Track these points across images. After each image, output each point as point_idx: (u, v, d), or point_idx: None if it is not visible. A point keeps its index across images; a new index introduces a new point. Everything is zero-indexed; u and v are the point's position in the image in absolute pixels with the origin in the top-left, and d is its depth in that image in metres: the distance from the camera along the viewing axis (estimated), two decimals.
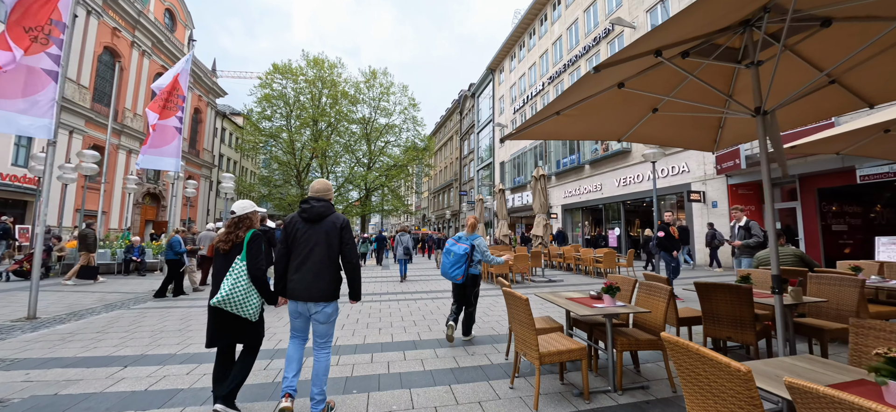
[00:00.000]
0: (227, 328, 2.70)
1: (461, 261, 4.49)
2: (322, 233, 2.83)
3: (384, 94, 34.40)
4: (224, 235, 2.82)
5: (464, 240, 4.63)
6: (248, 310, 2.65)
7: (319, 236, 2.82)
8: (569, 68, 22.53)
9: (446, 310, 6.69)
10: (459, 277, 4.48)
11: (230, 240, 2.78)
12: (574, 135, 4.21)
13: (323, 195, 2.96)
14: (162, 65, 28.04)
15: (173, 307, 7.13)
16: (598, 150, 19.07)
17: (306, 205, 2.89)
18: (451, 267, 4.52)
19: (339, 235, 2.86)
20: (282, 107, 32.28)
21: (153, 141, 8.82)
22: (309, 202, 2.90)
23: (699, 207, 13.51)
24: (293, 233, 2.86)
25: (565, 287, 9.01)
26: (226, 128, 39.93)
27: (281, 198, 34.05)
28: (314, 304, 2.76)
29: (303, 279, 2.76)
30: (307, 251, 2.80)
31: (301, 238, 2.83)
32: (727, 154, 11.75)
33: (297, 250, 2.83)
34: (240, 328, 2.73)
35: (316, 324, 2.81)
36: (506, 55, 32.81)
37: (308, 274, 2.76)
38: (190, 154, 31.73)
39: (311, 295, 2.74)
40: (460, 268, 4.48)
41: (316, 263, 2.78)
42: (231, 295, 2.59)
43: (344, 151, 34.24)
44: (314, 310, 2.77)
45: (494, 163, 33.90)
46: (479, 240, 4.65)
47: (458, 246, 4.57)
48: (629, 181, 17.04)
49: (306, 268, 2.77)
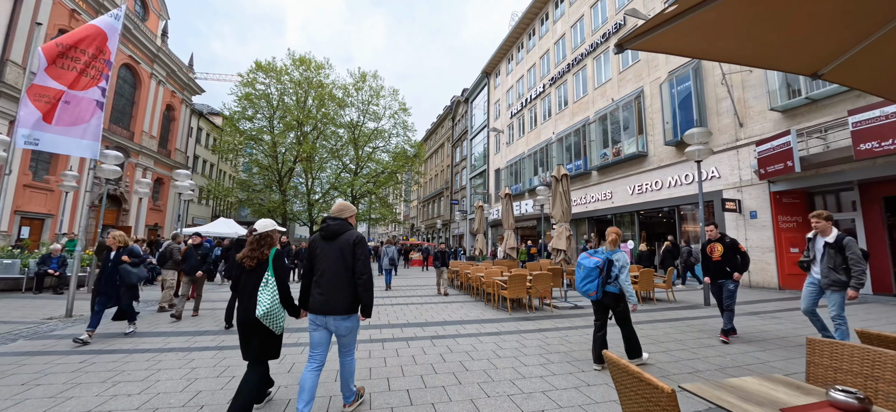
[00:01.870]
0: (252, 342, 2.85)
1: (592, 276, 4.24)
2: (337, 249, 2.97)
3: (374, 96, 32.59)
4: (249, 252, 2.99)
5: (600, 253, 4.32)
6: (279, 323, 2.85)
7: (335, 252, 2.96)
8: (573, 68, 20.94)
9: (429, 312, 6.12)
10: (593, 293, 4.24)
11: (255, 257, 2.96)
12: (735, 55, 2.24)
13: (339, 214, 3.11)
14: (129, 55, 25.59)
15: (106, 351, 4.91)
16: (607, 155, 17.38)
17: (324, 224, 3.07)
18: (582, 281, 4.33)
19: (352, 251, 2.96)
20: (265, 107, 30.04)
21: (61, 116, 6.59)
22: (327, 222, 3.08)
23: (733, 219, 11.79)
24: (314, 250, 3.04)
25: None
26: (202, 128, 37.33)
27: (260, 203, 31.67)
28: (333, 318, 2.91)
29: (322, 293, 2.91)
30: (325, 267, 2.94)
31: (320, 255, 3.00)
32: (774, 154, 10.07)
33: (317, 267, 2.99)
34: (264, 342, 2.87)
35: (337, 336, 2.98)
36: (502, 58, 31.27)
37: (327, 288, 2.91)
38: (160, 153, 29.13)
39: (330, 308, 2.87)
40: (592, 283, 4.23)
41: (333, 278, 2.92)
42: (271, 309, 2.77)
43: (330, 156, 32.15)
44: (334, 325, 2.93)
45: (488, 170, 32.14)
46: (619, 256, 4.22)
47: (589, 259, 4.33)
48: (645, 188, 15.33)
49: (324, 282, 2.92)
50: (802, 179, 10.38)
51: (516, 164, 26.41)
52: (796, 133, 9.77)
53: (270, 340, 2.89)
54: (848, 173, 9.58)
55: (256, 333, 2.83)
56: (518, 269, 8.53)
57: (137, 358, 4.52)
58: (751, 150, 11.46)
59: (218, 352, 4.76)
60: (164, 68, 29.49)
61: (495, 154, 31.02)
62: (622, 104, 16.55)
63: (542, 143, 23.29)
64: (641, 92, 15.80)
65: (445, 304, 8.48)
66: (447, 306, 8.29)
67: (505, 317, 7.02)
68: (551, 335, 5.62)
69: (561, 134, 21.16)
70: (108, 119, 23.74)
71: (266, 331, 2.84)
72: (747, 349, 4.90)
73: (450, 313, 7.45)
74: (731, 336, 5.40)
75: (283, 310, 2.88)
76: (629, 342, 4.25)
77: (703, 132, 8.49)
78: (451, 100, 44.44)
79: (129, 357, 4.55)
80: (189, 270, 7.08)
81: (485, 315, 7.28)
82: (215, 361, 4.41)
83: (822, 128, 9.78)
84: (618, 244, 4.37)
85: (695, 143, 8.63)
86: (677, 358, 4.56)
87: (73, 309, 6.91)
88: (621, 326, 4.28)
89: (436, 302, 8.90)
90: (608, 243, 4.39)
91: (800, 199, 10.95)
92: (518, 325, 6.30)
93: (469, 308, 8.04)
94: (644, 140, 15.50)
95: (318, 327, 2.94)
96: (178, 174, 11.95)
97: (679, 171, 13.83)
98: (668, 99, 14.07)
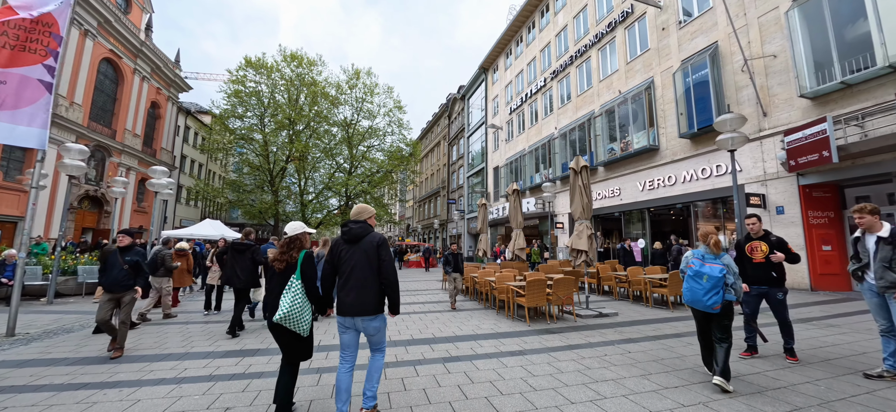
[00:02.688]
0: (282, 343, 2.97)
1: (718, 286, 3.60)
2: (361, 252, 2.99)
3: (368, 94, 31.62)
4: (278, 255, 3.02)
5: (711, 258, 3.74)
6: (302, 325, 2.87)
7: (359, 255, 2.98)
8: (576, 60, 20.10)
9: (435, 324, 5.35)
10: (718, 305, 3.58)
11: (284, 259, 2.99)
12: None
13: (359, 217, 3.14)
14: (110, 49, 24.31)
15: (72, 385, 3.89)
16: (615, 150, 16.54)
17: (346, 227, 3.08)
18: (706, 293, 3.62)
19: (376, 253, 2.99)
20: (255, 105, 28.88)
21: None
22: (348, 225, 3.09)
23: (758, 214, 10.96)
24: (338, 253, 3.05)
25: (650, 339, 6.09)
26: (190, 126, 36.02)
27: (251, 204, 30.52)
28: (361, 319, 2.92)
29: (349, 295, 2.92)
30: (350, 270, 2.96)
31: (344, 258, 3.01)
32: (807, 144, 9.26)
33: (341, 269, 3.01)
34: (292, 344, 2.96)
35: (367, 335, 3.01)
36: (500, 53, 30.39)
37: (353, 290, 2.92)
38: (145, 153, 27.85)
39: (358, 310, 2.90)
40: (718, 295, 3.59)
41: (359, 280, 2.93)
42: (291, 312, 2.80)
43: (324, 156, 31.12)
44: (362, 325, 2.95)
45: (487, 168, 31.24)
46: (728, 259, 3.71)
47: (710, 267, 3.67)
48: (657, 184, 14.50)
49: (350, 285, 2.94)
50: (835, 172, 9.57)
51: (516, 162, 25.54)
52: (833, 120, 8.96)
53: (298, 342, 2.96)
54: (886, 164, 8.80)
55: (284, 334, 2.93)
56: (535, 274, 7.61)
57: (111, 395, 3.54)
58: (776, 141, 10.66)
59: (210, 385, 3.78)
60: (149, 64, 28.22)
61: (494, 151, 30.14)
62: (631, 96, 15.71)
63: (543, 138, 22.43)
64: (651, 83, 14.98)
65: (452, 314, 7.53)
66: (455, 316, 7.35)
67: (524, 329, 6.09)
68: (587, 354, 4.70)
69: (564, 129, 20.31)
70: (86, 116, 22.46)
71: (292, 332, 2.90)
72: (831, 373, 4.02)
73: (459, 325, 6.51)
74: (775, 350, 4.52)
75: (306, 312, 2.91)
76: (725, 357, 3.58)
77: (737, 118, 7.63)
78: (447, 97, 43.49)
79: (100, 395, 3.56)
80: (110, 285, 4.93)
81: (500, 326, 6.34)
82: (209, 401, 3.43)
83: (859, 114, 8.98)
84: (721, 245, 3.79)
85: (727, 131, 7.77)
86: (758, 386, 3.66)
87: (15, 326, 5.85)
88: (722, 340, 3.65)
89: (441, 310, 7.96)
90: (712, 245, 3.75)
91: (831, 192, 10.16)
92: (543, 341, 5.37)
93: (480, 318, 7.10)
94: (655, 133, 14.67)
95: (347, 329, 2.98)
96: (154, 171, 10.87)
97: (694, 165, 13.01)
98: (683, 89, 13.25)
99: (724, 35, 12.36)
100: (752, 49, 11.42)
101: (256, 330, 6.27)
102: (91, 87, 23.08)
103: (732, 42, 12.01)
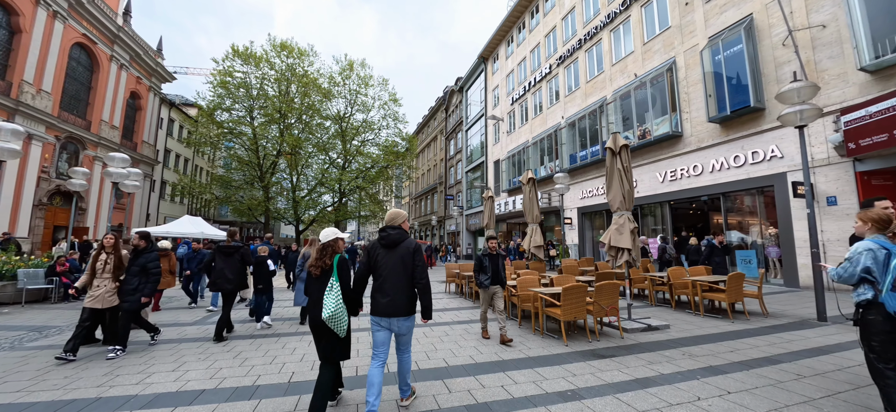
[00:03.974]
0: (323, 344, 3.08)
1: None
2: (398, 257, 3.16)
3: (362, 86, 30.13)
4: (316, 261, 3.18)
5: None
6: (342, 326, 2.98)
7: (396, 260, 3.15)
8: (585, 44, 18.73)
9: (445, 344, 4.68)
10: None
11: (320, 265, 3.14)
12: None
13: (393, 222, 3.29)
14: (83, 33, 22.54)
15: None
16: (630, 139, 15.21)
17: (384, 233, 3.24)
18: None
19: (411, 259, 3.17)
20: (243, 97, 27.25)
21: None
22: (386, 230, 3.24)
23: (803, 206, 9.69)
24: (375, 257, 3.23)
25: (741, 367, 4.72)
26: (175, 119, 34.22)
27: (239, 201, 28.95)
28: (395, 319, 3.12)
29: (384, 297, 3.10)
30: (386, 273, 3.14)
31: (381, 262, 3.19)
32: (871, 124, 7.99)
33: (377, 272, 3.19)
34: (332, 344, 3.06)
35: (398, 335, 3.21)
36: (501, 40, 28.96)
37: (389, 293, 3.10)
38: (124, 146, 26.11)
39: (392, 311, 3.09)
40: None
41: (394, 284, 3.11)
42: (335, 312, 2.92)
43: (317, 151, 29.65)
44: (395, 326, 3.14)
45: (487, 162, 29.86)
46: None
47: None
48: (679, 174, 13.20)
49: (386, 288, 3.11)
50: None
51: (519, 154, 24.17)
52: None
53: (337, 342, 3.06)
54: None
55: (325, 335, 3.04)
56: (568, 278, 6.24)
57: None
58: (826, 123, 9.37)
59: None
60: (127, 51, 26.45)
61: (494, 144, 28.75)
62: (649, 79, 14.38)
63: (549, 129, 21.07)
64: (673, 63, 13.65)
65: (465, 328, 6.15)
66: (468, 330, 5.96)
67: (564, 351, 4.72)
68: (670, 397, 3.33)
69: (572, 117, 18.96)
70: (56, 105, 20.73)
71: (332, 333, 3.01)
72: None
73: (476, 346, 5.13)
74: None
75: (344, 313, 3.00)
76: None
77: (808, 87, 6.28)
78: (444, 90, 42.01)
79: None
80: None
81: (529, 346, 4.97)
82: None
83: None
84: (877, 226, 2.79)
85: (795, 103, 6.42)
86: None
87: None
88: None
89: (450, 322, 6.57)
90: (873, 226, 2.80)
91: (891, 180, 8.89)
92: (596, 371, 3.99)
93: None
94: (678, 118, 13.35)
95: (381, 328, 3.14)
96: (111, 158, 9.34)
97: (726, 152, 11.71)
98: (711, 68, 11.92)
99: (760, 6, 11.04)
100: (796, 19, 10.11)
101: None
102: (62, 73, 21.33)
103: (770, 13, 10.70)
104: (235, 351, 4.93)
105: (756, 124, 10.92)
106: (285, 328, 6.28)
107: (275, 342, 5.37)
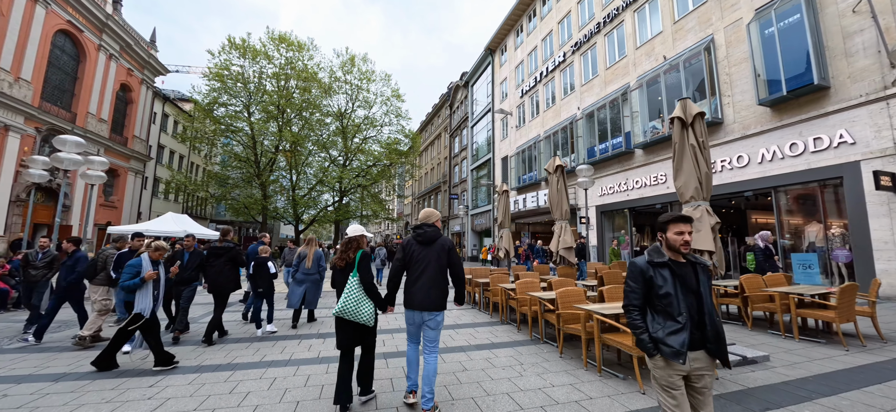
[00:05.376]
0: (349, 333, 3.20)
1: None
2: (434, 253, 3.31)
3: (364, 81, 28.84)
4: (340, 254, 3.40)
5: None
6: (362, 317, 3.13)
7: (432, 256, 3.30)
8: (605, 27, 17.19)
9: None
10: None
11: (344, 258, 3.35)
12: None
13: (428, 220, 3.46)
14: (68, 19, 21.23)
15: None
16: (658, 129, 13.66)
17: (420, 229, 3.40)
18: None
19: (447, 256, 3.36)
20: (241, 91, 25.95)
21: None
22: (422, 228, 3.40)
23: (882, 203, 8.11)
24: (410, 252, 3.37)
25: None
26: (169, 114, 32.91)
27: (235, 199, 27.68)
28: (428, 313, 3.23)
29: (419, 292, 3.23)
30: (422, 268, 3.27)
31: (417, 257, 3.32)
32: None
33: (413, 268, 3.32)
34: (359, 333, 3.23)
35: (427, 329, 3.27)
36: (509, 30, 27.44)
37: (424, 287, 3.22)
38: (113, 140, 24.82)
39: (426, 305, 3.21)
40: None
41: (430, 278, 3.24)
42: (345, 306, 3.11)
43: (318, 148, 28.42)
44: (427, 318, 3.24)
45: (494, 159, 28.28)
46: None
47: None
48: (720, 166, 11.64)
49: (422, 282, 3.24)
50: None
51: (529, 150, 22.62)
52: None
53: (366, 331, 3.24)
54: None
55: (349, 326, 3.16)
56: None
57: None
58: None
59: None
60: (117, 41, 25.12)
61: (502, 140, 27.22)
62: (682, 60, 12.82)
63: (563, 121, 19.52)
64: (711, 41, 12.09)
65: (490, 355, 4.64)
66: (494, 357, 4.46)
67: (642, 404, 3.20)
68: None
69: (589, 108, 17.42)
70: (37, 95, 19.41)
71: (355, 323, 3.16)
72: None
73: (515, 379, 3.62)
74: None
75: (363, 305, 3.14)
76: None
77: None
78: (449, 86, 40.53)
79: None
80: None
81: (588, 391, 3.45)
82: None
83: None
84: None
85: None
86: None
87: None
88: None
89: (467, 348, 5.06)
90: None
91: None
92: None
93: (542, 367, 4.19)
94: (717, 103, 11.79)
95: (414, 322, 3.29)
96: (61, 141, 7.89)
97: (779, 139, 10.14)
98: (759, 44, 10.37)
99: None
100: None
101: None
102: (43, 62, 20.02)
103: None
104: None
105: (819, 105, 9.35)
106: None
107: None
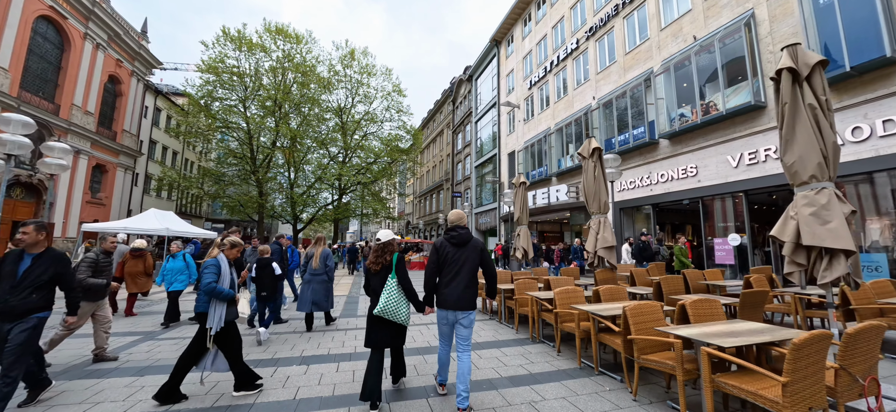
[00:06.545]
0: (384, 333, 3.40)
1: None
2: (468, 254, 3.45)
3: (364, 74, 27.69)
4: (375, 258, 3.53)
5: None
6: (400, 316, 3.34)
7: (466, 257, 3.44)
8: (623, 10, 15.92)
9: None
10: None
11: (379, 262, 3.49)
12: None
13: (459, 223, 3.58)
14: (50, 5, 19.96)
15: None
16: (687, 117, 12.38)
17: (454, 232, 3.53)
18: None
19: (480, 256, 3.50)
20: (236, 85, 24.76)
21: None
22: (455, 230, 3.54)
23: None
24: (444, 254, 3.48)
25: None
26: (162, 108, 31.66)
27: (229, 197, 26.46)
28: (461, 312, 3.35)
29: (453, 292, 3.34)
30: (457, 269, 3.40)
31: (451, 258, 3.44)
32: None
33: (447, 268, 3.43)
34: (394, 332, 3.43)
35: (460, 328, 3.38)
36: (516, 20, 26.15)
37: (458, 287, 3.35)
38: (101, 134, 23.56)
39: (460, 305, 3.34)
40: None
41: (463, 278, 3.37)
42: (386, 305, 3.30)
43: (316, 145, 27.30)
44: (461, 317, 3.35)
45: (499, 154, 26.98)
46: None
47: None
48: (763, 157, 10.36)
49: (456, 282, 3.36)
50: None
51: (538, 144, 21.34)
52: None
53: (400, 330, 3.45)
54: None
55: (380, 324, 3.37)
56: (755, 320, 3.45)
57: None
58: None
59: None
60: (105, 30, 23.84)
61: (508, 135, 25.93)
62: (716, 39, 11.54)
63: (576, 112, 18.24)
64: (751, 16, 10.81)
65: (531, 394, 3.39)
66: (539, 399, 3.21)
67: None
68: None
69: (606, 97, 16.14)
70: (15, 84, 18.16)
71: (389, 322, 3.36)
72: None
73: None
74: None
75: (402, 305, 3.35)
76: None
77: None
78: (451, 81, 39.25)
79: None
80: None
81: None
82: None
83: None
84: None
85: None
86: None
87: None
88: None
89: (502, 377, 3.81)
90: None
91: None
92: None
93: None
94: (759, 85, 10.50)
95: (447, 321, 3.42)
96: (5, 119, 6.64)
97: (838, 122, 8.82)
98: (812, 14, 9.10)
99: None
100: None
101: None
102: (23, 49, 18.74)
103: None
104: None
105: (890, 82, 8.07)
106: None
107: None
